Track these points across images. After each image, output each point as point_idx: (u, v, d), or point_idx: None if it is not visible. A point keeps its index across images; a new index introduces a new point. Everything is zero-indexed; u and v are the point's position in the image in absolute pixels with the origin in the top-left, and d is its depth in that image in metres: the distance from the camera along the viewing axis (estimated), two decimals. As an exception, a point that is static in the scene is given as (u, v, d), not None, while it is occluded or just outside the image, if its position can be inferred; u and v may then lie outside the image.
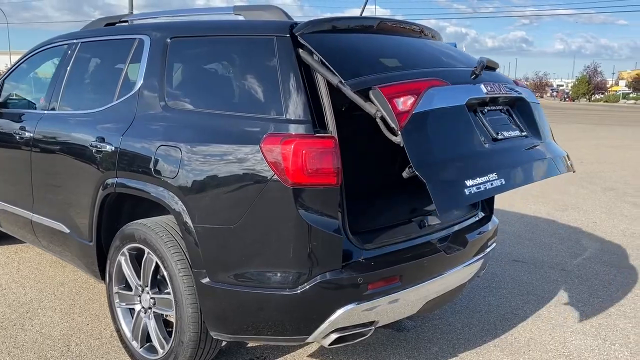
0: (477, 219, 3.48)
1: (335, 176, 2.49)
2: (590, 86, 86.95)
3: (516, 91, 3.20)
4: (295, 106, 2.54)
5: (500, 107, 3.12)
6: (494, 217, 3.61)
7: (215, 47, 3.01)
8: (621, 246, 5.83)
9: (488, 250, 3.42)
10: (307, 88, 2.57)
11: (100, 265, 3.42)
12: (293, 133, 2.50)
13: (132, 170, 3.04)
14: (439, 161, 2.55)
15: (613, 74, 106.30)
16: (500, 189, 2.62)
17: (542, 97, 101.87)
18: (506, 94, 3.08)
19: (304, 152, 2.45)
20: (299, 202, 2.47)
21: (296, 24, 2.71)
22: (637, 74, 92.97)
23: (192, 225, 2.71)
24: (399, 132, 2.40)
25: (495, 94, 2.98)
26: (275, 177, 2.48)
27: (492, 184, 2.57)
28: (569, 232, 6.35)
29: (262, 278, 2.59)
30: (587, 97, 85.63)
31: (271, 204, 2.52)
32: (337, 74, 2.47)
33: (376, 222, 2.95)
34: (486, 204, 3.63)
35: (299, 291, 2.52)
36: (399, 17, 3.35)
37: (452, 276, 3.01)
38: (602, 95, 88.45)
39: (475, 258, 3.23)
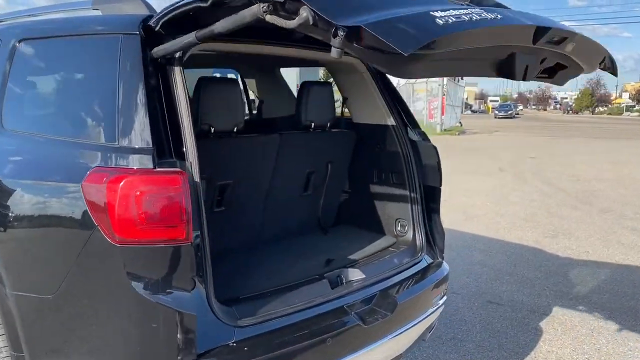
0: (421, 267, 2.74)
1: (184, 228, 1.76)
2: (593, 99, 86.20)
3: None
4: (138, 128, 1.83)
5: None
6: (444, 264, 2.87)
7: (59, 52, 2.31)
8: (615, 282, 5.05)
9: (435, 309, 2.68)
10: (159, 103, 1.88)
11: None
12: (125, 167, 1.78)
13: None
14: (370, 5, 1.62)
15: (617, 86, 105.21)
16: (494, 22, 1.70)
17: (545, 109, 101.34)
18: None
19: (137, 194, 1.73)
20: (130, 266, 1.74)
21: (152, 17, 2.00)
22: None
23: (6, 291, 1.99)
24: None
25: None
26: (99, 230, 1.75)
27: (479, 16, 1.65)
28: (556, 264, 5.58)
29: None
30: (591, 109, 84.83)
31: (94, 268, 1.80)
32: None
33: (265, 284, 2.21)
34: (435, 245, 2.88)
35: None
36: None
37: (374, 353, 2.26)
38: (606, 108, 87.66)
39: (414, 322, 2.49)
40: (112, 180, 1.75)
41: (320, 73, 16.34)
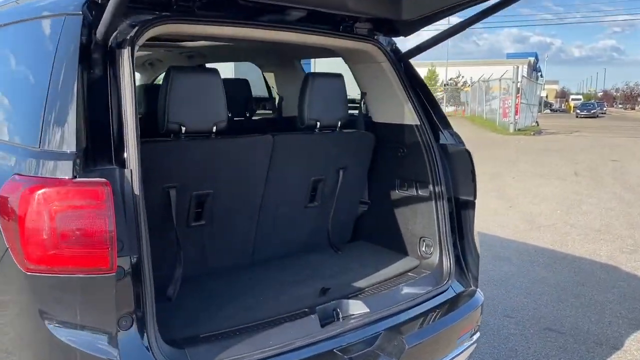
0: (446, 298, 2.25)
1: (108, 255, 1.40)
2: (689, 96, 79.95)
3: None
4: (66, 128, 1.50)
5: None
6: (478, 294, 2.37)
7: (10, 40, 2.02)
8: None
9: (462, 350, 2.20)
10: (97, 97, 1.56)
11: None
12: (44, 176, 1.44)
13: None
14: None
15: None
16: None
17: (633, 108, 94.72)
18: None
19: (53, 209, 1.38)
20: (42, 302, 1.41)
21: None
22: None
23: None
24: None
25: None
26: (9, 254, 1.42)
27: None
28: (633, 285, 4.84)
29: None
30: (687, 108, 78.71)
31: (5, 301, 1.47)
32: None
33: (237, 319, 1.82)
34: (468, 271, 2.39)
35: None
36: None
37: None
38: None
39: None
40: (25, 191, 1.42)
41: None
